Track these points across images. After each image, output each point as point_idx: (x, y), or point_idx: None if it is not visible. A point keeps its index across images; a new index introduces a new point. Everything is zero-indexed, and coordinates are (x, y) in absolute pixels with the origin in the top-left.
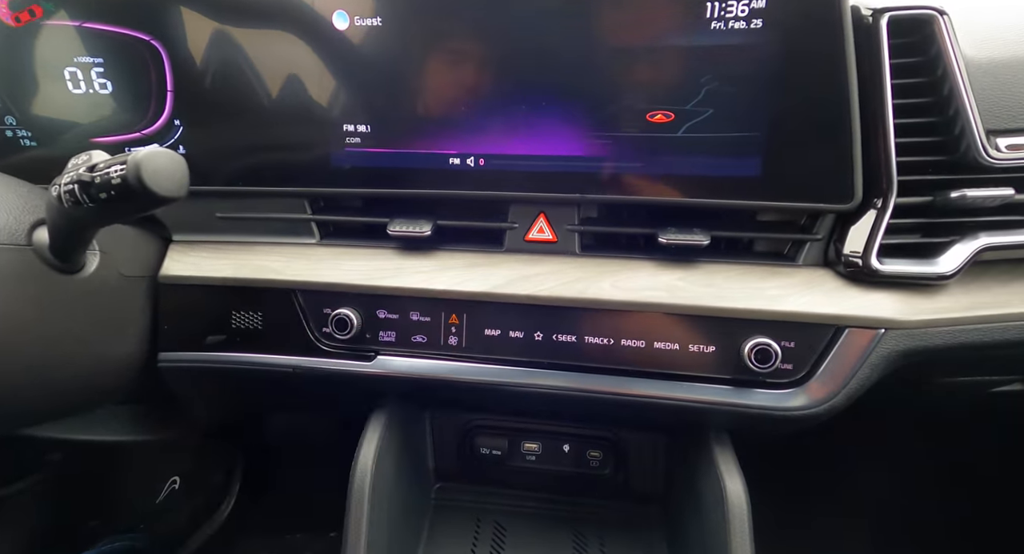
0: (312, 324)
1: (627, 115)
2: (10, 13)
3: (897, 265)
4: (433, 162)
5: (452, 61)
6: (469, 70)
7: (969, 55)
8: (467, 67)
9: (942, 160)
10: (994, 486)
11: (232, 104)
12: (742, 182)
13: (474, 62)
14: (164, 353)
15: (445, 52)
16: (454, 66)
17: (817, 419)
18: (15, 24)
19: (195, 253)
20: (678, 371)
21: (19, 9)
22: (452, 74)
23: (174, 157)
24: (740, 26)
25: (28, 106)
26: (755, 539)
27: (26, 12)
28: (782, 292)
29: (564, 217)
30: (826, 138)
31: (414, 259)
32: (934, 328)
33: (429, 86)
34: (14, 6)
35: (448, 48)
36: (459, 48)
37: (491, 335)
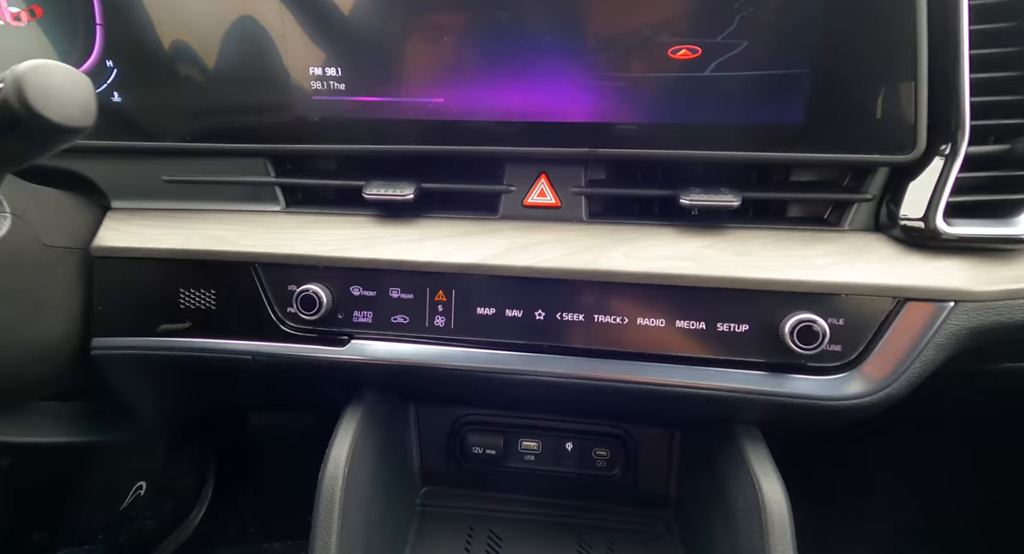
0: (274, 303)
1: (644, 51)
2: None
3: (968, 227)
4: (415, 113)
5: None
6: (460, 5)
7: None
8: (458, 2)
9: (1020, 102)
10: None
11: (176, 44)
12: (782, 132)
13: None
14: (98, 338)
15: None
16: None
17: (871, 410)
18: (16, 23)
19: (137, 221)
20: (704, 355)
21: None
22: (436, 6)
23: (71, 72)
24: None
25: None
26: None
27: (26, 12)
28: (829, 261)
29: (569, 178)
30: (886, 74)
31: (394, 227)
32: (1014, 300)
33: (408, 20)
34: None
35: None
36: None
37: (484, 314)
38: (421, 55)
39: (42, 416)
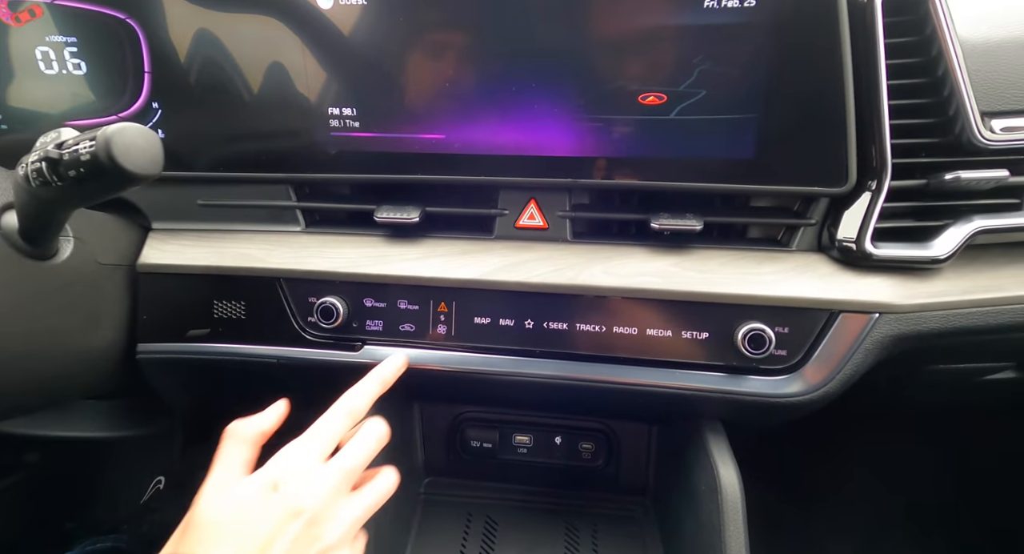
0: (297, 313)
1: (618, 97)
2: (10, 13)
3: (891, 249)
4: (420, 147)
5: (439, 42)
6: (456, 51)
7: (964, 35)
8: (455, 50)
9: (936, 142)
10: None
11: (213, 86)
12: (736, 165)
13: (461, 43)
14: (143, 344)
15: (431, 33)
16: (441, 47)
17: (811, 406)
18: (15, 24)
19: (175, 241)
20: (671, 358)
21: (19, 9)
22: (439, 56)
23: (146, 132)
24: (734, 5)
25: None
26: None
27: (26, 12)
28: (776, 277)
29: (555, 203)
30: (820, 120)
31: (402, 246)
32: (928, 312)
33: (415, 68)
34: (14, 6)
35: (434, 30)
36: (446, 30)
37: (481, 323)
38: (426, 97)
39: (81, 413)
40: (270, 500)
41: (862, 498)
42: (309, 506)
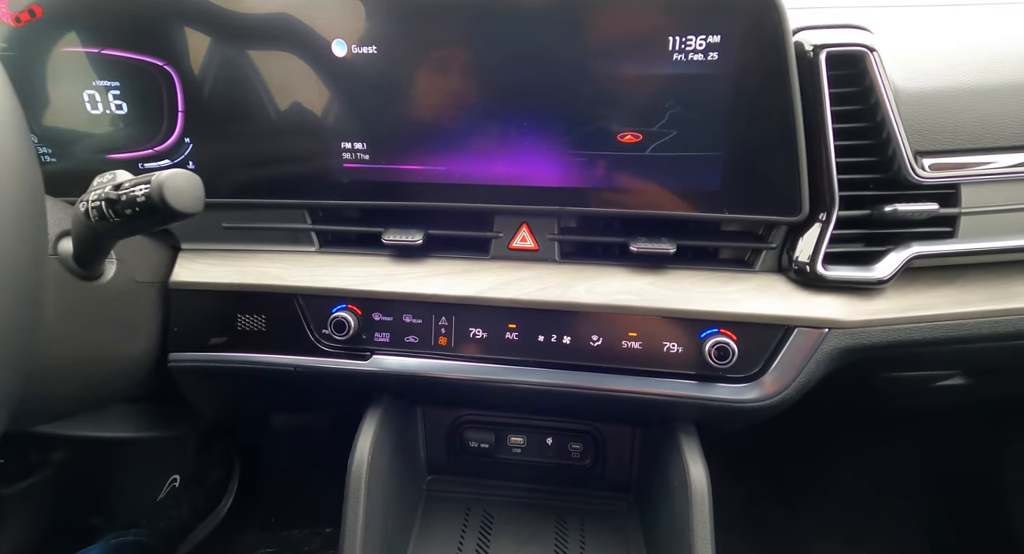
0: (312, 326)
1: (600, 136)
2: (10, 13)
3: (839, 271)
4: (424, 177)
5: (441, 87)
6: (457, 95)
7: (899, 85)
8: (455, 93)
9: (877, 178)
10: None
11: (239, 124)
12: (703, 196)
13: (462, 88)
14: (174, 353)
15: (434, 79)
16: (443, 91)
17: (772, 410)
18: (15, 24)
19: (202, 260)
20: (647, 367)
21: (19, 9)
22: (441, 99)
23: (192, 177)
24: (699, 58)
25: (49, 125)
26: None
27: (26, 12)
28: (740, 295)
29: (545, 227)
30: (776, 158)
31: (407, 266)
32: (871, 327)
33: (420, 109)
34: (14, 6)
35: (437, 76)
36: (447, 76)
37: (477, 335)
38: (429, 133)
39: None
40: None
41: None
42: None
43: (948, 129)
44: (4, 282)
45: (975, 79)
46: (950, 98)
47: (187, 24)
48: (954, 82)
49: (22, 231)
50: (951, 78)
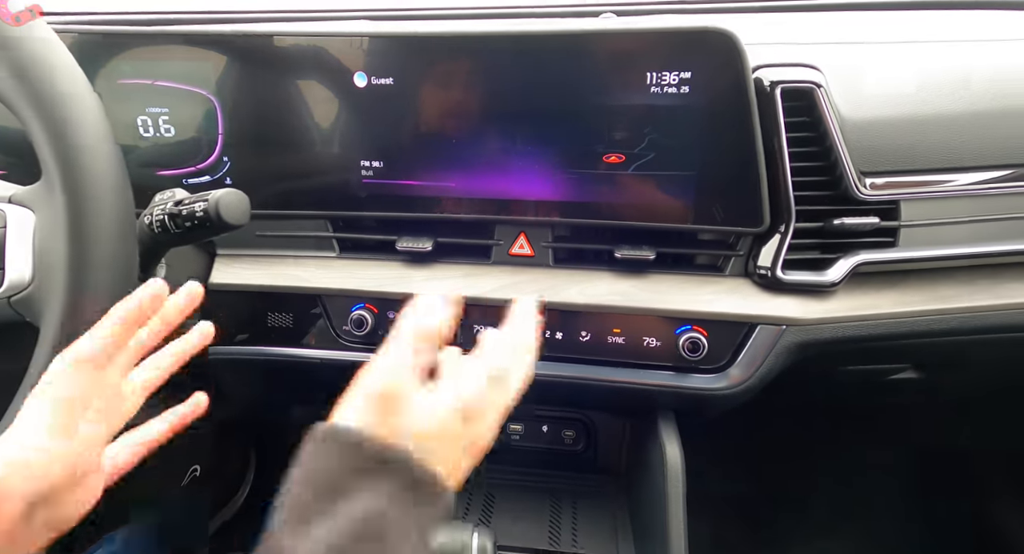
0: (334, 323)
1: (588, 157)
2: (10, 13)
3: (796, 276)
4: (433, 192)
5: (448, 113)
6: (462, 121)
7: (846, 115)
8: (461, 118)
9: (828, 195)
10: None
11: (270, 145)
12: (679, 209)
13: (466, 115)
14: (212, 347)
15: (442, 107)
16: (450, 117)
17: (738, 398)
18: (15, 24)
19: (237, 265)
20: (630, 360)
21: (19, 9)
22: (448, 123)
23: (241, 195)
24: (673, 91)
25: None
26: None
27: (27, 12)
28: (711, 297)
29: (540, 236)
30: (741, 177)
31: (418, 270)
32: (823, 325)
33: (429, 132)
34: (14, 6)
35: (445, 104)
36: (456, 105)
37: (479, 331)
38: (439, 154)
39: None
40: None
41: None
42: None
43: (888, 153)
44: (121, 290)
45: (912, 110)
46: (890, 126)
47: (229, 59)
48: (894, 113)
49: (128, 244)
50: (891, 109)
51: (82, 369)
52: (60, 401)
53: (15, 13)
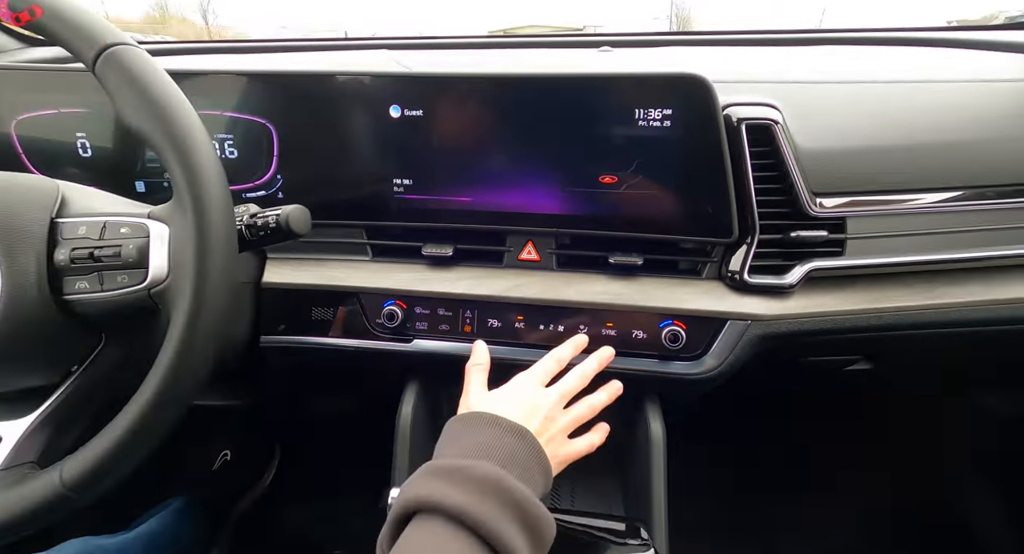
0: (369, 317)
1: (585, 178)
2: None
3: (760, 279)
4: (455, 205)
5: (468, 140)
6: (480, 146)
7: (801, 145)
8: (479, 144)
9: (786, 211)
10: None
11: (317, 164)
12: (663, 222)
13: (484, 141)
14: (264, 336)
15: (463, 135)
16: (469, 143)
17: (711, 382)
18: (15, 24)
19: (286, 266)
20: (620, 349)
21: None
22: (468, 148)
23: (305, 211)
24: (657, 125)
25: None
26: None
27: (26, 12)
28: (689, 296)
29: (545, 244)
30: (714, 197)
31: (440, 272)
32: (782, 320)
33: (452, 156)
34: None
35: (467, 133)
36: (474, 133)
37: (493, 325)
38: (460, 174)
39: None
40: (541, 389)
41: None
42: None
43: (837, 177)
44: (228, 286)
45: (857, 142)
46: (839, 155)
47: (286, 93)
48: (842, 143)
49: (233, 250)
50: (840, 141)
51: None
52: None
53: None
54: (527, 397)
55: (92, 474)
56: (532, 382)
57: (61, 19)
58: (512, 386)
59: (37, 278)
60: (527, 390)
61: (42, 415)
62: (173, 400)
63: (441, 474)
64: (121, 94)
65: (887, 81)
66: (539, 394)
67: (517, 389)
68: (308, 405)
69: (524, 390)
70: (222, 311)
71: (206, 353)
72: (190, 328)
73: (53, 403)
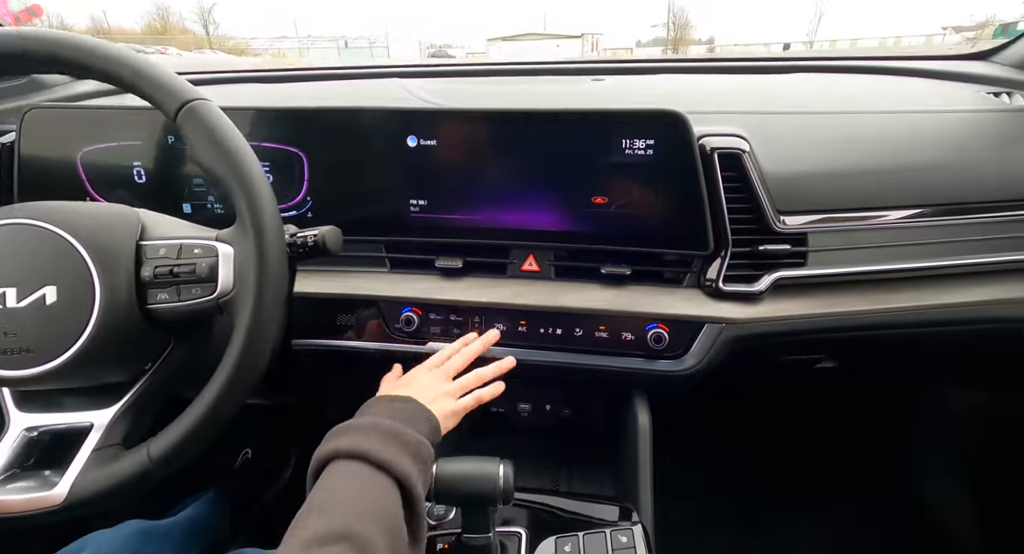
0: (388, 322)
1: (580, 199)
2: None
3: (733, 287)
4: (464, 223)
5: (476, 166)
6: (487, 171)
7: (767, 169)
8: (487, 171)
9: (755, 227)
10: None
11: (342, 187)
12: (647, 237)
13: (490, 167)
14: (295, 339)
15: (472, 161)
16: (477, 169)
17: (692, 379)
18: (16, 24)
19: (314, 278)
20: (611, 349)
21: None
22: (476, 173)
23: (339, 231)
24: (641, 153)
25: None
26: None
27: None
28: (672, 302)
29: (545, 256)
30: (692, 214)
31: (451, 282)
32: (753, 323)
33: (462, 179)
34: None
35: (475, 160)
36: (482, 161)
37: (499, 328)
38: (469, 196)
39: None
40: (429, 372)
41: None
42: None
43: (799, 197)
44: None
45: (817, 167)
46: (801, 178)
47: (316, 125)
48: (803, 168)
49: (285, 266)
50: (800, 165)
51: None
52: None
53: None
54: (421, 379)
55: (174, 450)
56: (426, 369)
57: (147, 79)
58: (410, 374)
59: (127, 291)
60: (419, 374)
61: (124, 405)
62: (238, 390)
63: (342, 431)
64: (198, 141)
65: (844, 112)
66: (430, 376)
67: (411, 374)
68: (326, 407)
69: (416, 375)
70: (277, 317)
71: (264, 351)
72: (253, 330)
73: (133, 395)
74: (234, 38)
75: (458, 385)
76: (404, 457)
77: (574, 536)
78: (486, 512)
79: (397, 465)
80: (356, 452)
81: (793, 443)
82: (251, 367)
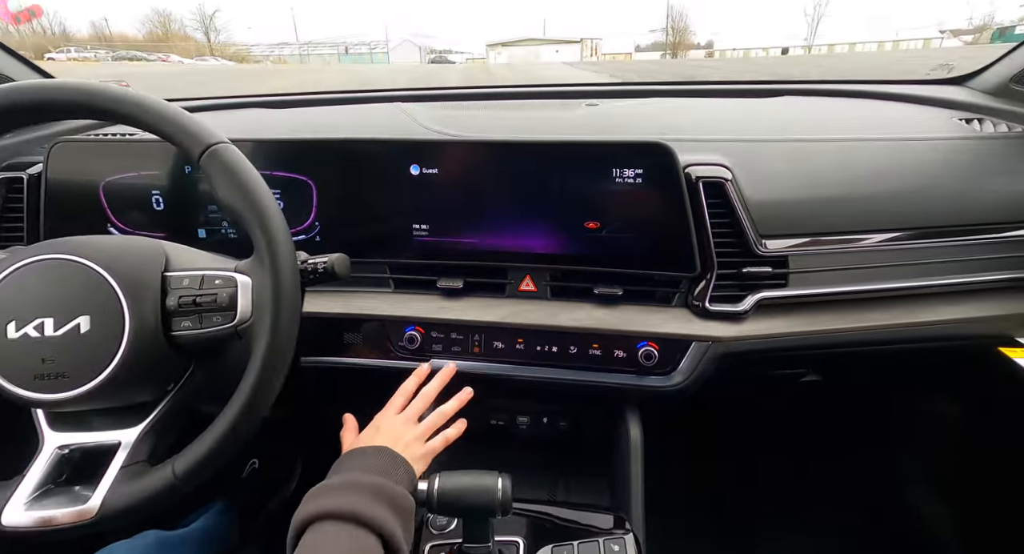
0: (392, 340)
1: (573, 223)
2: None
3: (719, 307)
4: (464, 246)
5: (478, 193)
6: (487, 199)
7: (749, 196)
8: (486, 197)
9: (738, 251)
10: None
11: (347, 211)
12: (638, 259)
13: (490, 195)
14: (303, 357)
15: (473, 189)
16: (477, 195)
17: (681, 395)
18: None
19: (321, 298)
20: (604, 366)
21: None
22: (476, 199)
23: (347, 258)
24: (631, 181)
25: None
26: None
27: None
28: (661, 321)
29: (541, 277)
30: (680, 238)
31: (452, 301)
32: (738, 341)
33: (462, 205)
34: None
35: (475, 187)
36: (481, 187)
37: (497, 346)
38: (469, 220)
39: None
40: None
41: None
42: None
43: (780, 222)
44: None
45: (796, 194)
46: (781, 204)
47: (324, 155)
48: (784, 195)
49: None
50: (781, 192)
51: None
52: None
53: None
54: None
55: (198, 467)
56: (391, 413)
57: (173, 124)
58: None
59: (154, 319)
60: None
61: (149, 425)
62: (256, 411)
63: (321, 492)
64: (220, 182)
65: (824, 139)
66: (397, 421)
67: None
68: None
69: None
70: (291, 342)
71: (280, 374)
72: (269, 355)
73: (157, 415)
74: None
75: (425, 426)
76: (387, 513)
77: (569, 545)
78: (486, 523)
79: (379, 522)
80: (340, 512)
81: (782, 455)
82: (267, 389)
